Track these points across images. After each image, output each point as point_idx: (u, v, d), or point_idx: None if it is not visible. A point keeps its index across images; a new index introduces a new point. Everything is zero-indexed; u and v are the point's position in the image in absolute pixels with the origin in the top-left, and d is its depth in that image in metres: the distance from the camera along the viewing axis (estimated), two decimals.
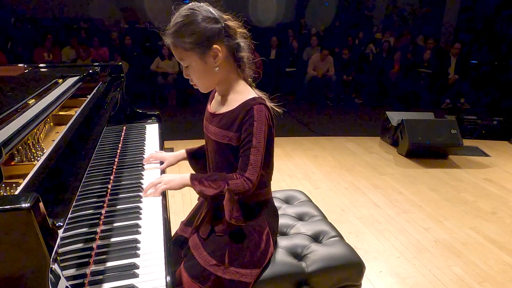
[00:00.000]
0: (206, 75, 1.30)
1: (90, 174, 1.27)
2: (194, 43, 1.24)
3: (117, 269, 1.06)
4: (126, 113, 2.29)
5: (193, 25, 1.23)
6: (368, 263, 1.94)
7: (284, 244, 1.48)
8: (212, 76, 1.31)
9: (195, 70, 1.30)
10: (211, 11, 1.26)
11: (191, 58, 1.27)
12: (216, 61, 1.27)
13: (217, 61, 1.27)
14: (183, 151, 1.64)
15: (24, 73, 2.14)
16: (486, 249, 2.66)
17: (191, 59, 1.27)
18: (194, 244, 1.37)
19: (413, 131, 4.32)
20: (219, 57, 1.26)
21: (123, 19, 9.84)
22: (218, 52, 1.26)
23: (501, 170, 4.18)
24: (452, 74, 7.19)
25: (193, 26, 1.23)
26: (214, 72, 1.29)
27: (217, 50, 1.25)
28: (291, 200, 1.90)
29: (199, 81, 1.33)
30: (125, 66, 6.34)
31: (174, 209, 2.92)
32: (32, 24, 8.78)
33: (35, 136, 1.31)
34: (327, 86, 7.24)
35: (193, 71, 1.30)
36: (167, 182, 1.40)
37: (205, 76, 1.31)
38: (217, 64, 1.27)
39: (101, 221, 1.23)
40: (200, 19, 1.23)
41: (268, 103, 1.33)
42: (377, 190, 3.53)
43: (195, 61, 1.27)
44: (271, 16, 9.55)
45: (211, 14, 1.26)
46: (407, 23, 10.79)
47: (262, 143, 1.26)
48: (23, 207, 0.72)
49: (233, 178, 1.27)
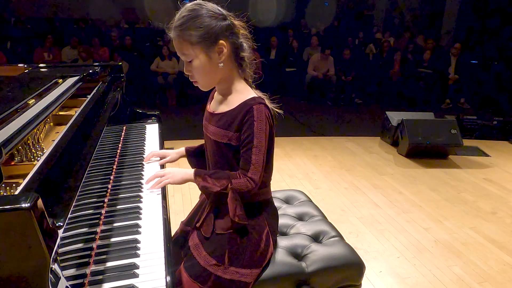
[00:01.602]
0: (209, 71, 1.29)
1: (90, 174, 1.27)
2: (201, 37, 1.23)
3: (117, 269, 1.06)
4: (126, 113, 2.29)
5: (201, 19, 1.23)
6: (368, 263, 1.94)
7: (284, 244, 1.48)
8: (214, 73, 1.30)
9: (198, 65, 1.28)
10: (218, 8, 1.28)
11: (196, 52, 1.26)
12: (220, 57, 1.27)
13: (222, 57, 1.27)
14: (183, 148, 1.65)
15: (24, 73, 2.14)
16: (486, 249, 2.66)
17: (196, 53, 1.26)
18: (194, 244, 1.37)
19: (413, 131, 4.32)
20: (224, 53, 1.26)
21: (123, 19, 9.83)
22: (224, 48, 1.26)
23: (501, 170, 4.18)
24: (452, 74, 7.20)
25: (201, 20, 1.23)
26: (217, 68, 1.28)
27: (223, 46, 1.26)
28: (291, 200, 1.90)
29: (201, 77, 1.32)
30: (125, 66, 6.35)
31: (174, 209, 2.92)
32: (32, 24, 8.78)
33: (35, 136, 1.31)
34: (327, 86, 7.24)
35: (196, 67, 1.29)
36: (171, 177, 1.41)
37: (208, 72, 1.30)
38: (221, 60, 1.27)
39: (101, 221, 1.23)
40: (207, 14, 1.24)
41: (268, 103, 1.33)
42: (377, 190, 3.53)
43: (200, 56, 1.26)
44: (271, 16, 9.54)
45: (218, 10, 1.27)
46: (407, 23, 10.79)
47: (263, 143, 1.26)
48: (23, 207, 0.72)
49: (237, 177, 1.27)
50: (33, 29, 8.35)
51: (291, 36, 8.53)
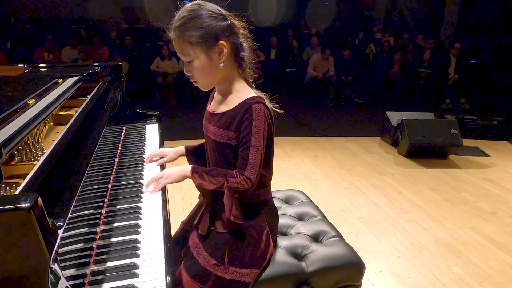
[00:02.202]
0: (209, 71, 1.29)
1: (90, 174, 1.27)
2: (201, 37, 1.23)
3: (117, 269, 1.06)
4: (126, 113, 2.29)
5: (201, 19, 1.23)
6: (368, 263, 1.94)
7: (284, 244, 1.48)
8: (214, 73, 1.30)
9: (198, 65, 1.28)
10: (218, 8, 1.27)
11: (196, 52, 1.25)
12: (221, 57, 1.26)
13: (222, 57, 1.27)
14: (183, 147, 1.65)
15: (24, 73, 2.14)
16: (486, 249, 2.66)
17: (196, 53, 1.26)
18: (194, 244, 1.37)
19: (413, 131, 4.32)
20: (224, 53, 1.26)
21: (123, 19, 9.83)
22: (224, 48, 1.26)
23: (501, 170, 4.18)
24: (452, 74, 7.19)
25: (201, 20, 1.23)
26: (218, 68, 1.28)
27: (223, 46, 1.25)
28: (291, 200, 1.90)
29: (201, 77, 1.32)
30: (125, 66, 6.34)
31: (174, 209, 2.92)
32: (32, 24, 8.77)
33: (35, 136, 1.31)
34: (327, 86, 7.24)
35: (196, 67, 1.29)
36: (168, 177, 1.41)
37: (208, 72, 1.29)
38: (221, 60, 1.27)
39: (101, 221, 1.23)
40: (207, 14, 1.24)
41: (268, 103, 1.33)
42: (377, 190, 3.53)
43: (200, 56, 1.26)
44: (271, 16, 9.54)
45: (218, 10, 1.27)
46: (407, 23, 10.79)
47: (261, 142, 1.26)
48: (23, 207, 0.72)
49: (233, 176, 1.27)
50: (33, 29, 8.35)
51: (291, 36, 8.53)
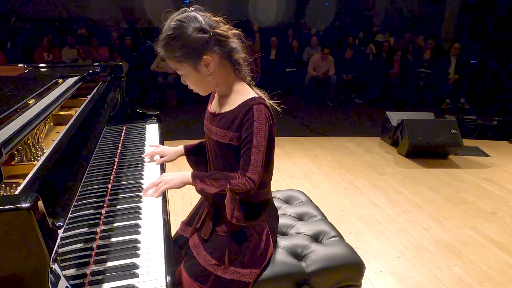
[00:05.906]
0: (202, 82, 1.33)
1: (90, 174, 1.27)
2: (184, 56, 1.25)
3: (117, 269, 1.06)
4: (126, 113, 2.29)
5: (181, 38, 1.23)
6: (368, 263, 1.94)
7: (284, 244, 1.48)
8: (208, 82, 1.32)
9: (189, 78, 1.32)
10: (200, 20, 1.24)
11: (185, 68, 1.29)
12: (209, 70, 1.27)
13: (210, 70, 1.27)
14: (182, 147, 1.65)
15: (24, 73, 2.14)
16: (486, 249, 2.66)
17: (185, 69, 1.29)
18: (194, 244, 1.37)
19: (413, 131, 4.32)
20: (211, 66, 1.27)
21: (123, 19, 9.83)
22: (209, 62, 1.26)
23: (501, 170, 4.18)
24: (452, 74, 7.19)
25: (181, 40, 1.23)
26: (209, 79, 1.30)
27: (208, 60, 1.26)
28: (291, 200, 1.90)
29: (196, 87, 1.36)
30: (125, 66, 6.34)
31: (174, 209, 2.92)
32: (32, 24, 8.77)
33: (35, 136, 1.31)
34: (327, 86, 7.24)
35: (188, 79, 1.33)
36: (167, 182, 1.40)
37: (201, 83, 1.33)
38: (210, 72, 1.28)
39: (101, 221, 1.23)
40: (188, 32, 1.23)
41: (268, 101, 1.33)
42: (377, 190, 3.53)
43: (189, 71, 1.29)
44: (271, 16, 9.54)
45: (199, 24, 1.24)
46: (408, 23, 10.79)
47: (263, 143, 1.26)
48: (23, 207, 0.72)
49: (235, 178, 1.27)
50: (33, 29, 8.34)
51: (291, 36, 8.53)
